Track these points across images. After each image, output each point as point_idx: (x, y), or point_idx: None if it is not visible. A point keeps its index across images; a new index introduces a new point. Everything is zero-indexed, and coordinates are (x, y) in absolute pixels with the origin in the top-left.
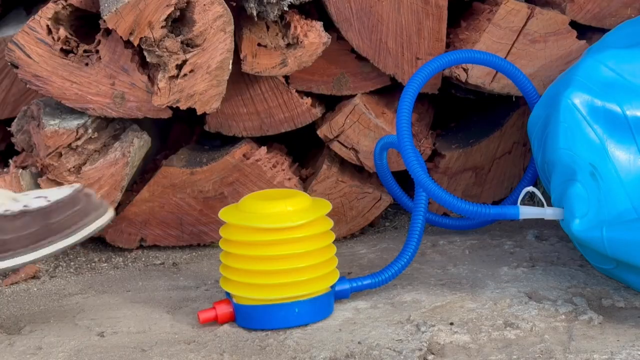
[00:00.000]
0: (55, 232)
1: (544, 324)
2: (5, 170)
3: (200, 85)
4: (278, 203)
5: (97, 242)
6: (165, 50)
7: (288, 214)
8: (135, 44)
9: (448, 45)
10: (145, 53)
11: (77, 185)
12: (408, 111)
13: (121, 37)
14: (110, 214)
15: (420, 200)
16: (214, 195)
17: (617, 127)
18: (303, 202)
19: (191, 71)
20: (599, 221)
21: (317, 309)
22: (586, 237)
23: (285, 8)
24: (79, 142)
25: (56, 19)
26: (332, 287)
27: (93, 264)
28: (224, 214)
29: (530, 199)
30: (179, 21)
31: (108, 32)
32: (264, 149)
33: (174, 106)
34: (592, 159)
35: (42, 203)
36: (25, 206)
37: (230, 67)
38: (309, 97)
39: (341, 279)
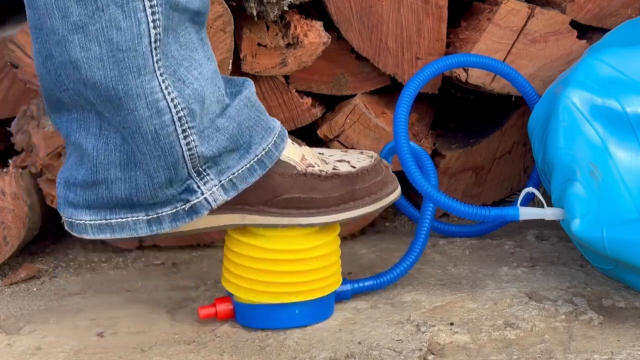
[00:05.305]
0: (357, 198)
1: (544, 324)
2: (5, 170)
3: None
4: None
5: (96, 241)
6: None
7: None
8: None
9: (448, 45)
10: None
11: (375, 155)
12: (405, 119)
13: None
14: (399, 189)
15: (428, 205)
16: None
17: (618, 125)
18: None
19: None
20: (599, 221)
21: (318, 310)
22: (586, 237)
23: (285, 8)
24: None
25: None
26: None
27: (93, 264)
28: None
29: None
30: None
31: None
32: None
33: None
34: (592, 158)
35: (348, 168)
36: (335, 169)
37: (230, 67)
38: (309, 97)
39: (342, 281)
